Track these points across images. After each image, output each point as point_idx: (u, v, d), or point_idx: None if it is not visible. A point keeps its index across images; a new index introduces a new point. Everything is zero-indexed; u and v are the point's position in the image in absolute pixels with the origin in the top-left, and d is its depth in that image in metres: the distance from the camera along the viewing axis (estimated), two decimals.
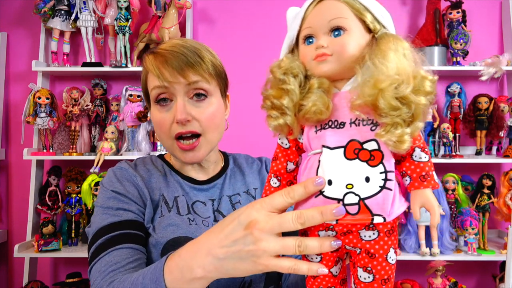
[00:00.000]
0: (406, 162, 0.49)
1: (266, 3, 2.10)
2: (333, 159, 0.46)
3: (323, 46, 0.48)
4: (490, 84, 2.00)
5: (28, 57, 2.12)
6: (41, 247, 1.80)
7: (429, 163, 0.49)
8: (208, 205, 0.85)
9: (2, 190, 2.16)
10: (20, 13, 2.15)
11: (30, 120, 1.86)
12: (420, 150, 0.49)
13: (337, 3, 0.49)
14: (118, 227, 0.74)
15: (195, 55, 0.79)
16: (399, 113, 0.44)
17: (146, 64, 0.80)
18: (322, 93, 0.48)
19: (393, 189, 0.46)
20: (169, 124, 0.79)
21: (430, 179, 0.48)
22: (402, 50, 0.47)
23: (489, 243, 1.87)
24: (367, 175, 0.45)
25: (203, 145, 0.81)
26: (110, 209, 0.77)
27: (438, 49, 1.96)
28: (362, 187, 0.45)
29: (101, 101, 2.02)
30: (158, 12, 1.97)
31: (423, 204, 0.49)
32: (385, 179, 0.46)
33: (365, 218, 0.45)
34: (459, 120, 1.94)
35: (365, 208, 0.45)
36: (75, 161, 1.97)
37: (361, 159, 0.45)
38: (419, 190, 0.49)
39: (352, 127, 0.47)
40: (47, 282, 2.02)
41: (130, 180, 0.82)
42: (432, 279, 1.78)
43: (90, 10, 1.95)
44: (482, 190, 1.87)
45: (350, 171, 0.45)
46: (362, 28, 0.49)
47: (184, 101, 0.78)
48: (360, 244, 0.48)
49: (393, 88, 0.44)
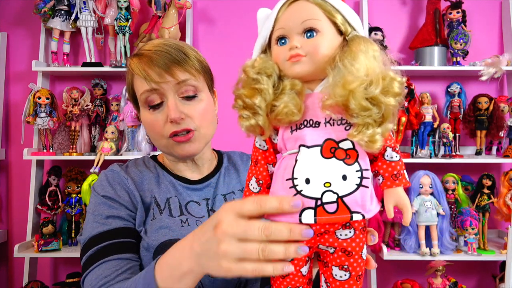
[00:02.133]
0: (379, 162, 0.50)
1: (266, 3, 2.09)
2: (310, 157, 0.47)
3: (297, 47, 0.48)
4: (490, 84, 2.00)
5: (28, 57, 2.12)
6: (41, 247, 1.80)
7: (400, 162, 0.50)
8: (202, 205, 0.84)
9: (2, 190, 2.16)
10: (20, 13, 2.15)
11: (30, 120, 1.86)
12: (392, 150, 0.49)
13: (309, 5, 0.49)
14: (108, 237, 0.74)
15: (180, 52, 0.78)
16: (369, 113, 0.45)
17: (131, 67, 0.79)
18: (294, 95, 0.48)
19: (369, 187, 0.47)
20: (162, 124, 0.79)
21: (402, 177, 0.49)
22: (372, 52, 0.47)
23: (489, 243, 1.87)
24: (344, 173, 0.46)
25: (197, 138, 0.81)
26: (100, 216, 0.77)
27: (438, 49, 1.96)
28: (339, 185, 0.45)
29: (101, 101, 2.02)
30: (158, 12, 1.97)
31: (396, 203, 0.49)
32: (361, 177, 0.46)
33: (344, 216, 0.46)
34: (459, 120, 1.94)
35: (343, 206, 0.45)
36: (75, 161, 1.97)
37: (338, 157, 0.46)
38: (392, 189, 0.49)
39: (327, 127, 0.48)
40: (47, 282, 2.02)
41: (121, 183, 0.82)
42: (432, 279, 1.78)
43: (90, 10, 1.95)
44: (482, 190, 1.87)
45: (328, 170, 0.46)
46: (334, 30, 0.49)
47: (175, 99, 0.78)
48: (336, 243, 0.49)
49: (363, 89, 0.44)
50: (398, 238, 1.83)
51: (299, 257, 0.49)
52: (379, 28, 2.02)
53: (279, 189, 0.49)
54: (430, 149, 1.90)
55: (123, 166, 0.87)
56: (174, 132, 0.78)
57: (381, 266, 2.01)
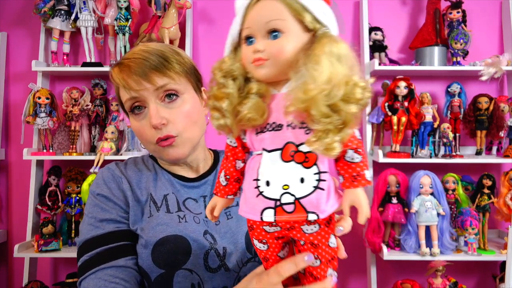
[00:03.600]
0: (340, 163, 0.51)
1: None
2: (271, 161, 0.49)
3: (260, 50, 0.48)
4: (490, 84, 2.00)
5: (28, 57, 2.12)
6: (41, 247, 1.80)
7: (361, 163, 0.50)
8: (200, 202, 0.85)
9: (2, 190, 2.16)
10: (20, 13, 2.15)
11: (30, 120, 1.86)
12: (353, 152, 0.50)
13: (275, 3, 0.48)
14: (101, 242, 0.77)
15: (158, 57, 0.79)
16: (330, 120, 0.45)
17: (113, 78, 0.81)
18: (258, 99, 0.49)
19: (325, 189, 0.49)
20: (147, 130, 0.80)
21: (361, 178, 0.50)
22: (336, 54, 0.46)
23: (489, 243, 1.87)
24: (302, 176, 0.48)
25: (180, 143, 0.81)
26: (94, 219, 0.79)
27: (438, 49, 1.95)
28: (297, 188, 0.48)
29: (101, 101, 2.02)
30: (158, 12, 1.97)
31: (352, 202, 0.51)
32: (318, 179, 0.48)
33: (301, 216, 0.49)
34: (459, 120, 1.94)
35: (300, 207, 0.48)
36: (75, 161, 1.97)
37: (297, 161, 0.48)
38: (350, 189, 0.51)
39: (289, 130, 0.49)
40: (47, 282, 2.02)
41: (116, 181, 0.83)
42: (432, 279, 1.78)
43: (90, 10, 1.95)
44: (482, 190, 1.86)
45: (286, 173, 0.48)
46: (300, 29, 0.48)
47: (156, 105, 0.79)
48: (304, 237, 0.52)
49: (323, 96, 0.44)
50: (398, 238, 1.83)
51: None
52: (379, 28, 2.02)
53: (247, 188, 0.52)
54: (430, 149, 1.90)
55: (120, 165, 0.88)
56: (159, 139, 0.80)
57: (381, 266, 2.01)
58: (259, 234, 0.54)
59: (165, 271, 0.75)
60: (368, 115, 1.96)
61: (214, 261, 0.78)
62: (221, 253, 0.78)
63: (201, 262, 0.77)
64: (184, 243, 0.76)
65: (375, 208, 1.81)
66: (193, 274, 0.76)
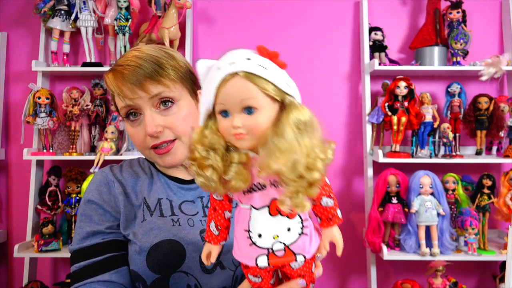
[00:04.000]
0: (317, 207, 0.59)
1: (266, 3, 2.10)
2: (260, 216, 0.56)
3: (239, 126, 0.52)
4: (490, 84, 2.00)
5: (28, 57, 2.12)
6: (41, 247, 1.80)
7: (334, 206, 0.59)
8: (197, 202, 0.85)
9: (2, 190, 2.16)
10: (20, 13, 2.15)
11: (30, 120, 1.86)
12: (326, 197, 0.58)
13: (243, 82, 0.51)
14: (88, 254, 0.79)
15: (152, 65, 0.78)
16: (298, 184, 0.50)
17: (107, 84, 0.81)
18: (241, 167, 0.53)
19: (308, 234, 0.58)
20: (142, 137, 0.80)
21: (335, 218, 0.59)
22: (302, 122, 0.51)
23: (489, 243, 1.87)
24: (288, 226, 0.56)
25: (179, 148, 0.81)
26: (82, 229, 0.81)
27: (438, 49, 1.95)
28: (285, 236, 0.56)
29: (101, 101, 2.02)
30: (158, 12, 1.97)
31: (330, 239, 0.60)
32: (302, 227, 0.57)
33: (290, 259, 0.57)
34: (459, 120, 1.94)
35: (289, 251, 0.57)
36: (75, 161, 1.97)
37: (282, 214, 0.56)
38: (328, 228, 0.60)
39: (272, 188, 0.55)
40: (47, 282, 2.02)
41: (108, 186, 0.84)
42: (432, 279, 1.78)
43: (90, 10, 1.95)
44: (482, 190, 1.87)
45: (275, 225, 0.56)
46: (270, 102, 0.53)
47: (151, 112, 0.78)
48: (292, 271, 0.61)
49: (288, 167, 0.49)
50: (398, 238, 1.83)
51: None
52: (379, 28, 2.02)
53: (239, 236, 0.58)
54: (430, 149, 1.90)
55: (115, 168, 0.88)
56: (154, 145, 0.80)
57: (381, 266, 2.01)
58: (253, 272, 0.61)
59: (161, 275, 0.76)
60: (368, 115, 1.96)
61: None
62: None
63: (196, 264, 0.77)
64: (178, 247, 0.76)
65: (375, 208, 1.81)
66: (189, 276, 0.76)
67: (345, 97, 2.11)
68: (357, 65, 2.10)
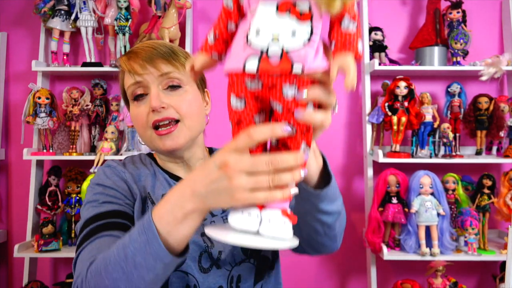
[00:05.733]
0: (334, 31, 0.50)
1: None
2: (265, 11, 0.48)
3: None
4: (490, 84, 2.00)
5: (28, 57, 2.12)
6: (41, 247, 1.80)
7: (355, 35, 0.50)
8: None
9: (2, 190, 2.16)
10: (20, 13, 2.15)
11: (30, 120, 1.86)
12: (350, 20, 0.49)
13: None
14: (102, 218, 0.73)
15: (167, 48, 0.80)
16: None
17: (120, 64, 0.82)
18: None
19: (315, 48, 0.48)
20: (145, 115, 0.79)
21: (354, 46, 0.50)
22: None
23: (489, 243, 1.87)
24: (294, 29, 0.47)
25: (182, 131, 0.79)
26: (96, 202, 0.77)
27: (438, 49, 1.95)
28: (287, 39, 0.47)
29: (101, 101, 2.02)
30: (158, 12, 1.97)
31: (341, 66, 0.49)
32: (309, 38, 0.47)
33: (285, 67, 0.47)
34: (459, 120, 1.94)
35: (286, 58, 0.47)
36: (75, 161, 1.97)
37: (291, 14, 0.47)
38: (341, 53, 0.49)
39: None
40: (47, 282, 2.02)
41: (119, 175, 0.82)
42: (432, 279, 1.78)
43: (90, 10, 1.95)
44: (482, 190, 1.86)
45: (278, 24, 0.47)
46: None
47: (158, 90, 0.79)
48: (282, 101, 0.50)
49: None
50: (398, 238, 1.83)
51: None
52: (379, 28, 2.02)
53: (236, 43, 0.51)
54: (430, 149, 1.90)
55: (120, 163, 0.88)
56: (156, 121, 0.78)
57: (381, 266, 2.01)
58: (238, 88, 0.51)
59: None
60: (368, 115, 1.96)
61: (206, 262, 0.77)
62: (215, 256, 0.78)
63: (195, 264, 0.76)
64: None
65: (375, 208, 1.81)
66: (188, 276, 0.75)
67: (345, 97, 2.11)
68: (357, 65, 2.10)
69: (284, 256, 0.92)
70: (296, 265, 2.06)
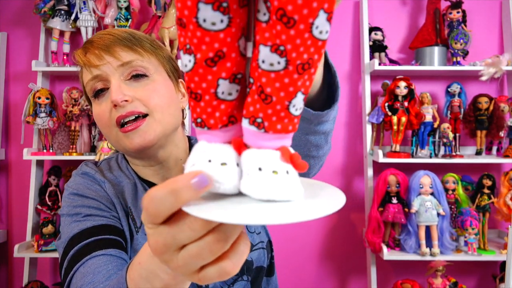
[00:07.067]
0: None
1: None
2: None
3: None
4: (490, 84, 2.00)
5: (28, 57, 2.12)
6: (41, 247, 1.80)
7: None
8: None
9: (2, 190, 2.16)
10: (20, 13, 2.15)
11: (30, 120, 1.86)
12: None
13: None
14: (90, 234, 0.64)
15: (127, 34, 0.70)
16: None
17: (75, 59, 0.71)
18: None
19: None
20: (108, 112, 0.68)
21: None
22: None
23: (489, 243, 1.87)
24: None
25: (151, 125, 0.68)
26: (79, 215, 0.67)
27: (438, 49, 1.95)
28: None
29: None
30: (158, 12, 1.97)
31: None
32: None
33: None
34: (459, 120, 1.94)
35: None
36: (75, 161, 1.97)
37: None
38: None
39: None
40: (47, 282, 2.02)
41: (100, 185, 0.73)
42: (432, 279, 1.78)
43: (90, 10, 1.95)
44: (482, 190, 1.86)
45: None
46: None
47: (119, 81, 0.68)
48: None
49: None
50: (398, 238, 1.83)
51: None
52: (379, 28, 2.02)
53: None
54: (430, 149, 1.90)
55: (96, 169, 0.77)
56: (120, 117, 0.67)
57: (381, 266, 2.01)
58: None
59: None
60: (368, 115, 1.96)
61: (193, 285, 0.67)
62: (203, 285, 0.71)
63: None
64: None
65: (375, 208, 1.81)
66: None
67: (345, 97, 2.11)
68: (357, 65, 2.10)
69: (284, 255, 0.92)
70: (296, 265, 2.06)
